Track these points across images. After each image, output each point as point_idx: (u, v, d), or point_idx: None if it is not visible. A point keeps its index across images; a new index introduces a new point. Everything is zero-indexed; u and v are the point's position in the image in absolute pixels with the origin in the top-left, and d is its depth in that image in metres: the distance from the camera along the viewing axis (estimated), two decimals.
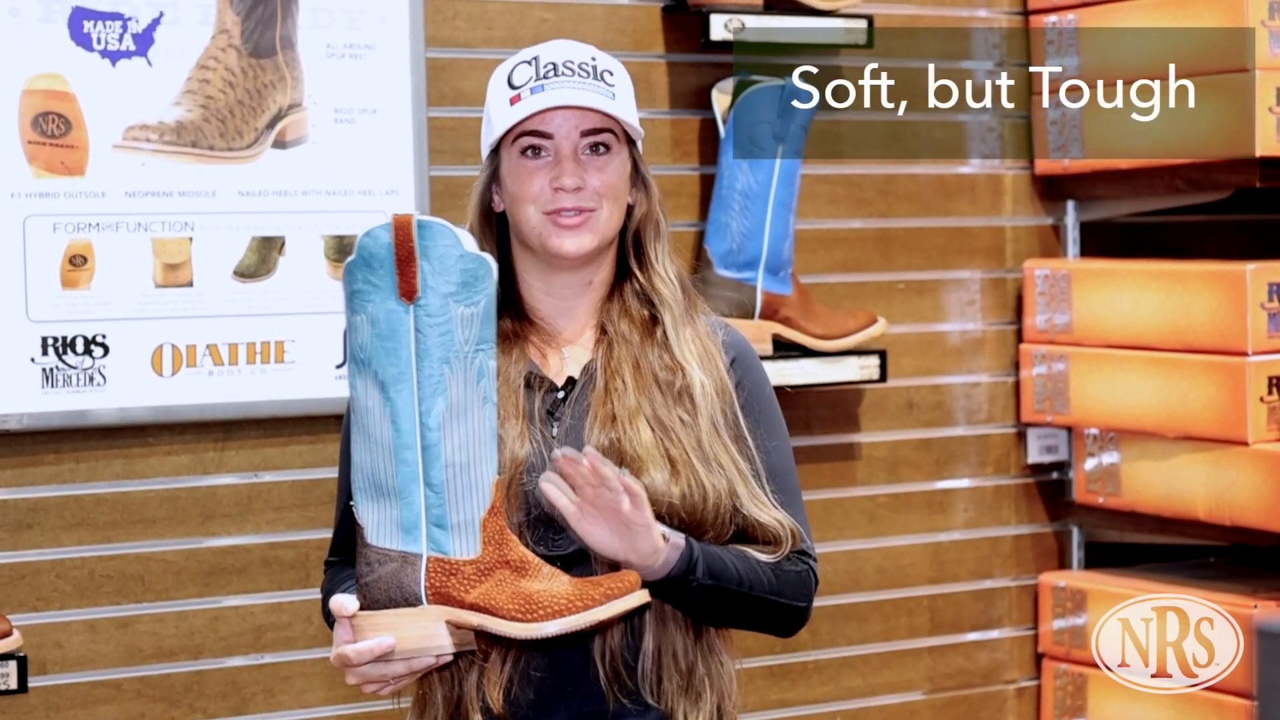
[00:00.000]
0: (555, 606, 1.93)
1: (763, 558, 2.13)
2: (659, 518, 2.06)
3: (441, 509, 1.96)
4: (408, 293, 1.95)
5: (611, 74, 2.18)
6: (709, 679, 2.15)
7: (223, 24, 3.11)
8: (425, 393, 1.95)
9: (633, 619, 2.12)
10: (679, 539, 2.06)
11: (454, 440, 1.95)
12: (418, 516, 1.96)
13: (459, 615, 1.95)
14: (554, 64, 2.16)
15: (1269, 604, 3.36)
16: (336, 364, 3.19)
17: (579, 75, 2.15)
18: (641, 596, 1.97)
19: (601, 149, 2.17)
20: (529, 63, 2.17)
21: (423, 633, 1.96)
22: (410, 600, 1.96)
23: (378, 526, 1.98)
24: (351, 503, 2.01)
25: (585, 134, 2.16)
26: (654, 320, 2.20)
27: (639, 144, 2.23)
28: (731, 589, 2.09)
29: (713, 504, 2.11)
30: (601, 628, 2.10)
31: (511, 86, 2.16)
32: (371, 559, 1.98)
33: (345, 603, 1.99)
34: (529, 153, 2.16)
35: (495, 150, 2.20)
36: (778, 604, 2.15)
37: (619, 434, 2.11)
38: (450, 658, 2.00)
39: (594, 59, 2.18)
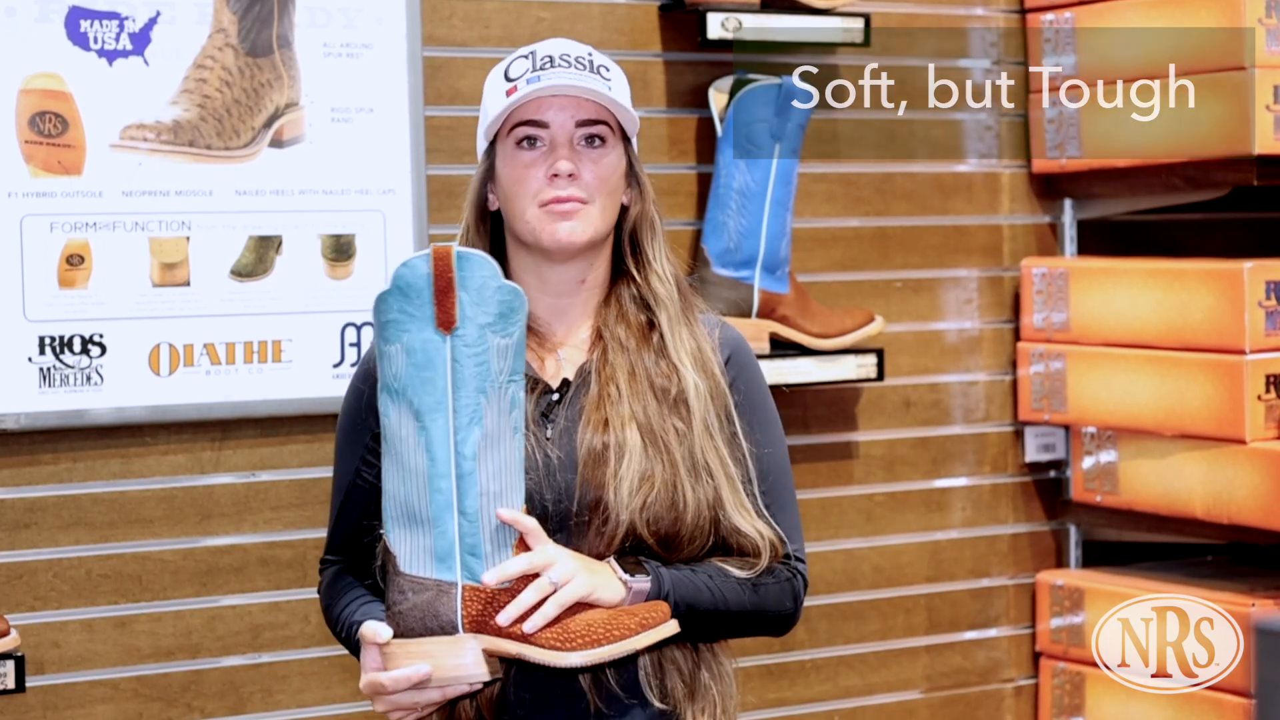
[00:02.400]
0: (592, 635, 1.95)
1: (740, 574, 2.13)
2: (638, 534, 2.08)
3: (476, 538, 1.96)
4: (446, 323, 1.95)
5: (608, 70, 2.20)
6: (710, 681, 2.16)
7: (219, 23, 3.11)
8: (461, 422, 1.95)
9: None
10: (641, 582, 2.05)
11: (488, 469, 1.96)
12: (451, 545, 1.96)
13: (497, 644, 1.96)
14: (551, 56, 2.17)
15: (1266, 602, 3.36)
16: (334, 363, 3.18)
17: (575, 67, 2.17)
18: (673, 627, 2.00)
19: (597, 141, 2.17)
20: (526, 57, 2.19)
21: (459, 661, 1.96)
22: (446, 629, 1.96)
23: (411, 555, 1.98)
24: (382, 530, 2.02)
25: (581, 124, 2.16)
26: (650, 325, 2.21)
27: (634, 142, 2.24)
28: (707, 610, 2.09)
29: (692, 517, 2.11)
30: None
31: (508, 79, 2.18)
32: (405, 587, 1.98)
33: (379, 630, 1.99)
34: (524, 143, 2.16)
35: (491, 145, 2.21)
36: (760, 615, 2.15)
37: (610, 438, 2.12)
38: (481, 686, 2.00)
39: (590, 54, 2.21)
